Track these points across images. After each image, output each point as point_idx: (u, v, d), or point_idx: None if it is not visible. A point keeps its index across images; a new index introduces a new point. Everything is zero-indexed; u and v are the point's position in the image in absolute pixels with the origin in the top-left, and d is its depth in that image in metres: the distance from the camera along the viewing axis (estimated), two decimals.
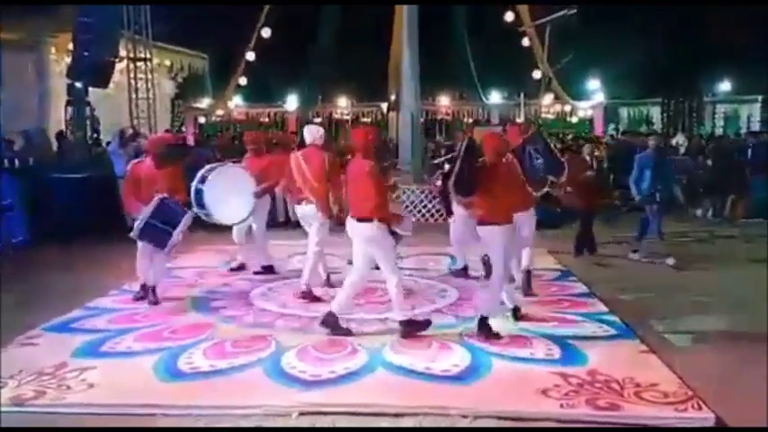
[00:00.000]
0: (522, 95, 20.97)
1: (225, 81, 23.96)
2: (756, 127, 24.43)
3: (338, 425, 4.00)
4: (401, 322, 5.49)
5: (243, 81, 24.09)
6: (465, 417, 4.05)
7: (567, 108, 25.39)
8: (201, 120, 24.63)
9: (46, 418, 4.16)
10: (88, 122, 13.49)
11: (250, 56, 23.11)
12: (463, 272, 7.66)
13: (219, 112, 24.71)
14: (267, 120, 25.29)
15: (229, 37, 22.16)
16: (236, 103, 25.15)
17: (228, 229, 7.80)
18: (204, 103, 24.00)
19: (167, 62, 20.58)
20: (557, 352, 5.08)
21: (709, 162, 13.59)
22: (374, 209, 5.33)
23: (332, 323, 5.53)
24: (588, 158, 9.91)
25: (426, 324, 5.58)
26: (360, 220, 5.39)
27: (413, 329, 5.48)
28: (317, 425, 4.00)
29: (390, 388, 4.48)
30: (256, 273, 7.84)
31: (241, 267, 8.07)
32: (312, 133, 6.77)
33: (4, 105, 12.57)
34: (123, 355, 5.18)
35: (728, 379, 4.58)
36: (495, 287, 5.54)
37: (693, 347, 5.31)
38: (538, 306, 6.32)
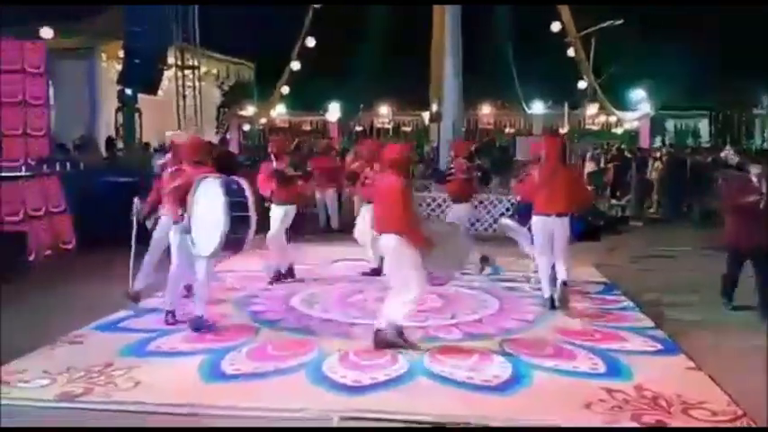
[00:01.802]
0: (566, 106, 20.77)
1: (269, 89, 24.31)
2: None
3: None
4: (378, 330, 5.35)
5: (286, 90, 24.42)
6: (506, 428, 4.01)
7: (613, 119, 25.04)
8: (246, 127, 25.03)
9: (93, 414, 4.25)
10: (138, 128, 13.82)
11: (295, 65, 23.42)
12: None
13: (263, 119, 25.08)
14: (309, 128, 25.58)
15: (275, 46, 22.51)
16: (278, 111, 25.48)
17: None
18: (249, 110, 24.40)
19: (214, 70, 21.01)
20: (601, 366, 4.99)
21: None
22: (398, 223, 5.22)
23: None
24: (755, 180, 6.64)
25: (404, 345, 5.30)
26: (383, 233, 5.36)
27: (385, 342, 5.29)
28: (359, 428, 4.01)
29: (431, 396, 4.46)
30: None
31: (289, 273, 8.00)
32: None
33: (56, 111, 12.95)
34: (169, 355, 5.27)
35: None
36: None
37: (744, 365, 5.15)
38: (582, 319, 6.23)
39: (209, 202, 5.47)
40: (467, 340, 5.59)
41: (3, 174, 9.55)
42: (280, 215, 7.70)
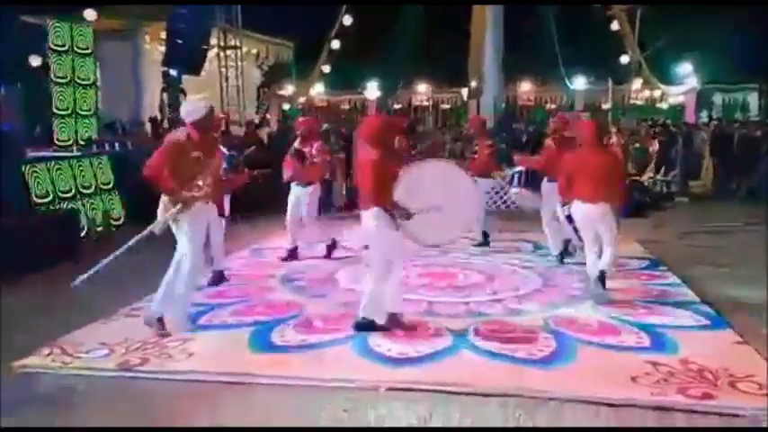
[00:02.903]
0: (609, 81, 20.37)
1: (308, 68, 24.43)
2: None
3: (425, 403, 4.08)
4: (357, 322, 5.25)
5: (326, 69, 24.50)
6: (552, 399, 4.06)
7: (657, 94, 24.48)
8: (285, 106, 25.24)
9: (150, 383, 4.45)
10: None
11: (334, 44, 23.45)
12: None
13: (301, 99, 25.23)
14: (347, 106, 25.65)
15: (313, 25, 22.57)
16: (317, 90, 25.61)
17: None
18: (288, 90, 24.58)
19: (254, 50, 21.18)
20: (646, 340, 4.99)
21: None
22: (374, 198, 5.07)
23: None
24: None
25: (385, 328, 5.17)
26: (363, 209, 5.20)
27: (366, 327, 5.20)
28: (405, 401, 4.11)
29: (476, 369, 4.52)
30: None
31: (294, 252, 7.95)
32: None
33: (102, 92, 13.28)
34: (220, 327, 5.44)
35: None
36: None
37: None
38: (626, 294, 6.21)
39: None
40: (510, 315, 5.63)
41: (56, 153, 9.88)
42: (296, 196, 7.80)
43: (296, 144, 7.80)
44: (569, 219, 6.42)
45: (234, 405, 4.13)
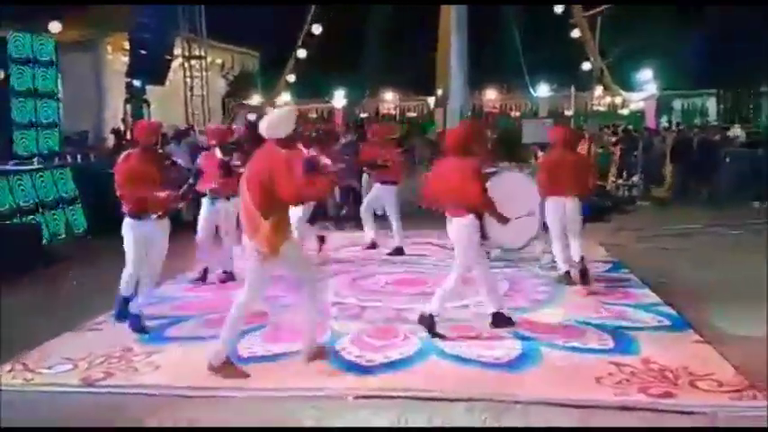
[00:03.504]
0: (572, 88, 20.73)
1: (274, 78, 24.39)
2: None
3: (393, 409, 4.10)
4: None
5: (292, 78, 24.47)
6: (518, 403, 4.11)
7: (618, 100, 24.97)
8: (251, 117, 25.10)
9: (115, 398, 4.38)
10: (147, 118, 13.92)
11: (301, 53, 23.45)
12: None
13: (269, 108, 25.15)
14: (315, 115, 25.65)
15: (279, 35, 22.54)
16: (284, 99, 25.57)
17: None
18: (254, 100, 24.49)
19: (219, 60, 21.06)
20: (609, 341, 5.09)
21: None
22: (473, 203, 5.23)
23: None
24: None
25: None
26: None
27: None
28: (372, 410, 4.12)
29: (443, 374, 4.57)
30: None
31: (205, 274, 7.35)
32: None
33: (64, 103, 13.08)
34: (186, 340, 5.39)
35: None
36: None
37: (750, 337, 5.22)
38: (590, 297, 6.32)
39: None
40: (477, 320, 5.68)
41: (16, 167, 9.69)
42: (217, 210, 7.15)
43: (218, 154, 7.03)
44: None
45: (201, 418, 4.09)
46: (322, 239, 8.28)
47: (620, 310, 5.92)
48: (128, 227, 5.55)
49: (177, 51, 17.04)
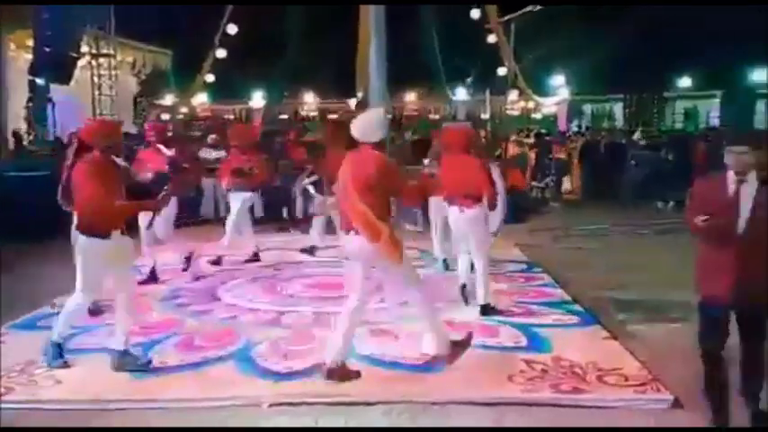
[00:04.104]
0: (487, 92, 21.22)
1: (189, 78, 23.75)
2: (715, 123, 25.13)
3: (310, 415, 4.05)
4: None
5: (209, 78, 23.92)
6: (434, 404, 4.14)
7: (532, 105, 25.76)
8: (165, 117, 24.38)
9: (15, 414, 4.13)
10: (51, 119, 13.27)
11: (220, 53, 22.93)
12: None
13: (183, 109, 24.50)
14: (232, 117, 25.18)
15: (193, 33, 21.97)
16: (200, 100, 24.97)
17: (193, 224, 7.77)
18: (168, 100, 23.75)
19: (130, 58, 20.31)
20: (523, 340, 5.21)
21: (670, 156, 14.01)
22: (482, 193, 5.80)
23: None
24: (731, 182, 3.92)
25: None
26: None
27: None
28: (288, 417, 4.06)
29: (361, 378, 4.54)
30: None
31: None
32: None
33: None
34: (92, 351, 5.11)
35: (687, 361, 4.74)
36: None
37: (654, 332, 5.47)
38: (505, 297, 6.46)
39: None
40: (394, 322, 5.69)
41: None
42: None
43: (164, 150, 7.01)
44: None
45: None
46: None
47: (534, 308, 6.08)
48: (88, 246, 4.66)
49: (84, 49, 16.31)
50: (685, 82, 27.90)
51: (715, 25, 22.12)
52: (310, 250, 8.52)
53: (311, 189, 8.55)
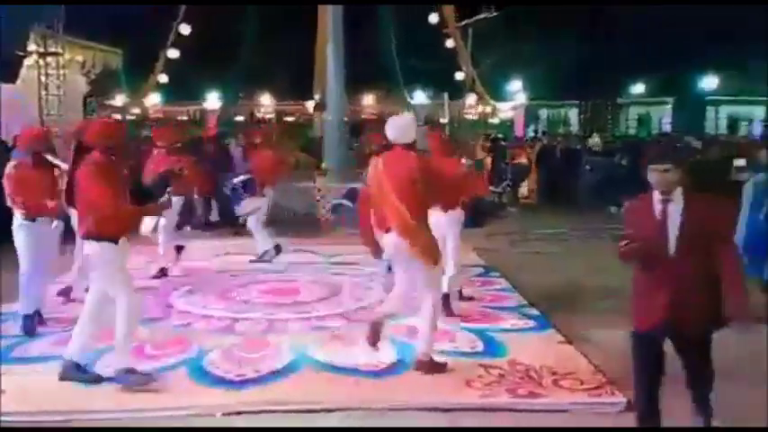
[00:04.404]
0: (446, 96, 21.33)
1: (141, 78, 23.26)
2: (667, 128, 25.80)
3: (265, 424, 3.96)
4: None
5: (162, 78, 23.47)
6: (391, 410, 4.10)
7: (489, 109, 26.01)
8: (116, 117, 23.78)
9: None
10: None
11: (172, 53, 22.53)
12: None
13: (135, 110, 23.97)
14: (187, 118, 24.75)
15: (145, 33, 21.53)
16: (153, 101, 24.45)
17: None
18: (119, 100, 23.18)
19: (79, 58, 19.72)
20: (479, 345, 5.21)
21: (623, 162, 14.27)
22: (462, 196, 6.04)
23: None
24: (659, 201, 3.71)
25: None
26: None
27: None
28: (243, 425, 3.96)
29: (317, 385, 4.48)
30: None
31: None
32: None
33: None
34: (36, 360, 4.94)
35: None
36: None
37: (608, 336, 5.51)
38: (463, 302, 6.44)
39: None
40: (353, 328, 5.63)
41: None
42: None
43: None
44: None
45: None
46: (179, 249, 7.81)
47: (491, 312, 6.09)
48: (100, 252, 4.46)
49: (31, 47, 15.80)
50: (639, 88, 28.56)
51: (667, 34, 22.73)
52: (270, 253, 8.33)
53: (240, 189, 8.34)
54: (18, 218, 5.54)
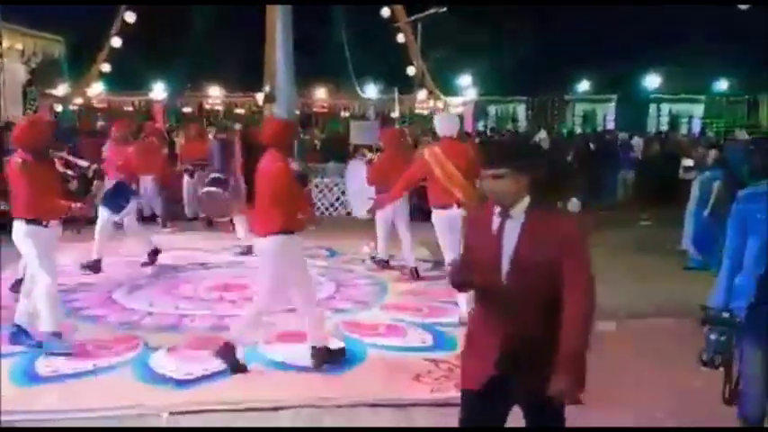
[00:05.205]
0: (396, 91, 21.34)
1: (84, 67, 22.50)
2: (611, 125, 26.43)
3: (214, 423, 3.90)
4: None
5: (106, 68, 22.76)
6: (340, 406, 4.09)
7: (440, 104, 26.13)
8: (58, 108, 22.99)
9: None
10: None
11: (116, 42, 21.87)
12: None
13: (78, 100, 23.18)
14: (132, 109, 24.04)
15: (88, 20, 20.84)
16: (97, 90, 23.69)
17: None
18: (60, 90, 22.37)
19: (19, 46, 18.97)
20: (429, 339, 5.25)
21: (569, 158, 14.54)
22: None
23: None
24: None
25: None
26: None
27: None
28: (192, 425, 3.89)
29: (266, 382, 4.45)
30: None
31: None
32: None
33: None
34: None
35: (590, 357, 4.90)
36: None
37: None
38: (412, 296, 6.49)
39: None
40: (302, 324, 5.58)
41: None
42: None
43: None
44: None
45: None
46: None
47: (440, 307, 6.13)
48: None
49: None
50: (584, 86, 29.15)
51: (612, 32, 23.27)
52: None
53: (214, 188, 8.15)
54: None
